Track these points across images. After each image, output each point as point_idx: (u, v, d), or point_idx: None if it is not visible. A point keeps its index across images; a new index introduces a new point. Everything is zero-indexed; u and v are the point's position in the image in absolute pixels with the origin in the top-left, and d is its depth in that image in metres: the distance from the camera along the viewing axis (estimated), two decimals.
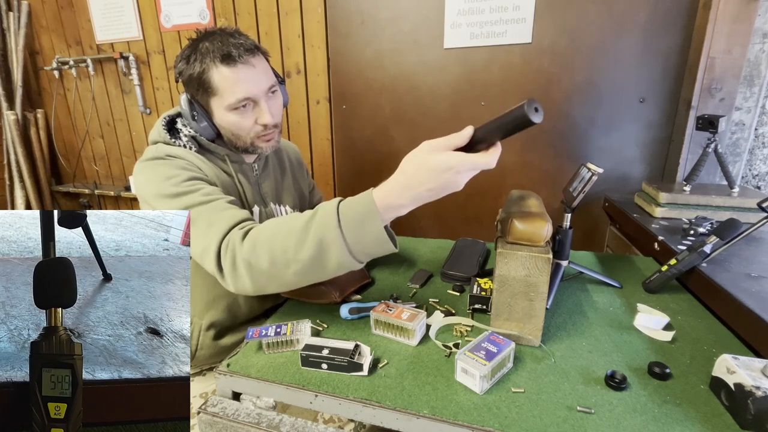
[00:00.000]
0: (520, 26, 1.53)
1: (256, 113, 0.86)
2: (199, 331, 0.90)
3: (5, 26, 2.35)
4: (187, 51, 0.83)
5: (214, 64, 0.80)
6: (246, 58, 0.81)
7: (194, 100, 0.85)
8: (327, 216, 0.63)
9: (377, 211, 0.61)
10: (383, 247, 0.63)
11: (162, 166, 0.80)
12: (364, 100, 1.81)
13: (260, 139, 0.88)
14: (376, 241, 0.62)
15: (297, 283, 0.68)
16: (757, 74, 1.33)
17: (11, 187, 2.51)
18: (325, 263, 0.64)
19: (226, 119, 0.85)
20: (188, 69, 0.83)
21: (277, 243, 0.66)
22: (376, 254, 0.65)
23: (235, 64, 0.80)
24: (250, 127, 0.86)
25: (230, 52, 0.80)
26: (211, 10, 1.94)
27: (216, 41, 0.81)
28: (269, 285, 0.68)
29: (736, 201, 1.09)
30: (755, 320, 0.64)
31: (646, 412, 0.53)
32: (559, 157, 1.62)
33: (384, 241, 0.62)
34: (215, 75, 0.81)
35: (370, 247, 0.63)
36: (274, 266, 0.66)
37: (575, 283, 0.88)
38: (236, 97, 0.82)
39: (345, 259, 0.63)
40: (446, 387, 0.58)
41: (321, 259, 0.64)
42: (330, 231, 0.62)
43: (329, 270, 0.65)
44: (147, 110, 2.26)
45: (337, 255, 0.63)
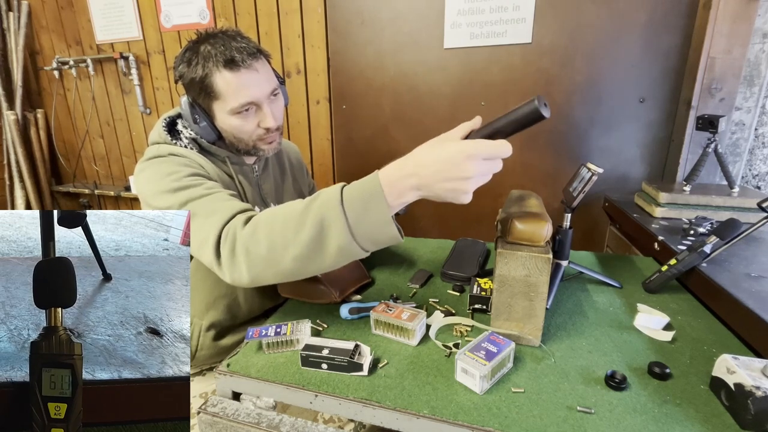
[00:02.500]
0: (520, 26, 1.53)
1: (259, 117, 0.85)
2: (200, 332, 0.90)
3: (5, 26, 2.35)
4: (188, 54, 0.82)
5: (216, 69, 0.79)
6: (249, 62, 0.80)
7: (196, 103, 0.85)
8: (329, 196, 0.60)
9: (382, 191, 0.57)
10: (387, 231, 0.59)
11: (164, 164, 0.80)
12: (364, 100, 1.81)
13: (262, 142, 0.88)
14: (380, 223, 0.58)
15: (295, 271, 0.63)
16: (757, 74, 1.33)
17: (11, 187, 2.51)
18: (324, 246, 0.60)
19: (229, 123, 0.84)
20: (190, 72, 0.82)
21: (276, 226, 0.63)
22: (380, 241, 0.61)
23: (238, 69, 0.80)
24: (253, 130, 0.86)
25: (233, 56, 0.79)
26: (211, 10, 1.94)
27: (218, 44, 0.80)
28: (266, 272, 0.64)
29: (736, 201, 1.09)
30: (755, 320, 0.64)
31: (646, 412, 0.52)
32: (559, 157, 1.62)
33: (387, 224, 0.58)
34: (218, 79, 0.80)
35: (374, 230, 0.59)
36: (272, 251, 0.62)
37: (575, 283, 0.88)
38: (239, 101, 0.81)
39: (346, 242, 0.59)
40: (446, 387, 0.58)
41: (321, 240, 0.60)
42: (331, 209, 0.59)
43: (329, 255, 0.61)
44: (147, 110, 2.26)
45: (338, 236, 0.59)
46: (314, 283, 0.80)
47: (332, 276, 0.81)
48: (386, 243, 0.61)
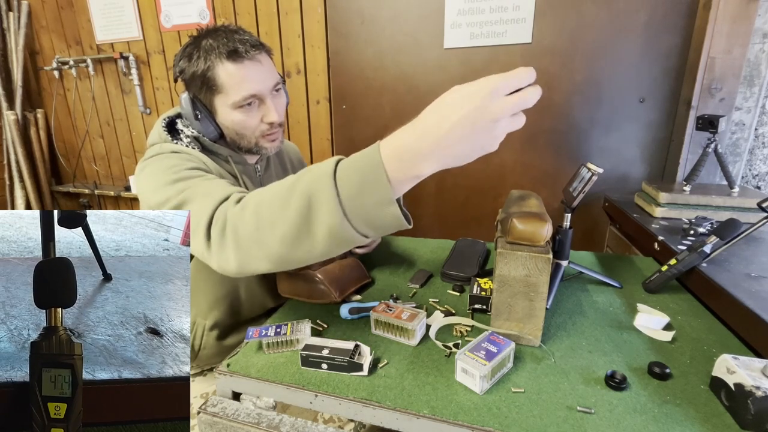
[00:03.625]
0: (520, 26, 1.53)
1: (262, 111, 0.84)
2: (203, 331, 0.90)
3: (5, 26, 2.35)
4: (189, 48, 0.81)
5: (219, 61, 0.78)
6: (252, 53, 0.79)
7: (197, 99, 0.83)
8: (321, 168, 0.52)
9: (381, 162, 0.48)
10: (387, 212, 0.49)
11: (165, 159, 0.77)
12: (364, 100, 1.81)
13: (265, 139, 0.87)
14: (378, 202, 0.49)
15: (283, 256, 0.56)
16: (757, 74, 1.33)
17: (11, 187, 2.51)
18: (313, 224, 0.52)
19: (231, 118, 0.83)
20: (191, 67, 0.80)
21: (265, 201, 0.57)
22: (380, 224, 0.51)
23: (242, 60, 0.78)
24: (256, 125, 0.84)
25: (237, 47, 0.78)
26: (211, 10, 1.94)
27: (220, 38, 0.79)
28: (253, 255, 0.58)
29: (736, 201, 1.09)
30: (755, 320, 0.64)
31: (646, 412, 0.52)
32: (559, 157, 1.62)
33: (386, 203, 0.49)
34: (221, 72, 0.79)
35: (371, 209, 0.49)
36: (258, 229, 0.56)
37: (575, 283, 0.88)
38: (242, 94, 0.80)
39: (337, 221, 0.50)
40: (446, 387, 0.58)
41: (309, 218, 0.52)
42: (320, 182, 0.51)
43: (319, 236, 0.52)
44: (147, 110, 2.26)
45: (328, 214, 0.50)
46: (314, 283, 0.80)
47: (332, 276, 0.81)
48: (388, 227, 0.52)
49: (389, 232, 0.53)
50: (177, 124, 0.88)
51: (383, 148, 0.49)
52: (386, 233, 0.54)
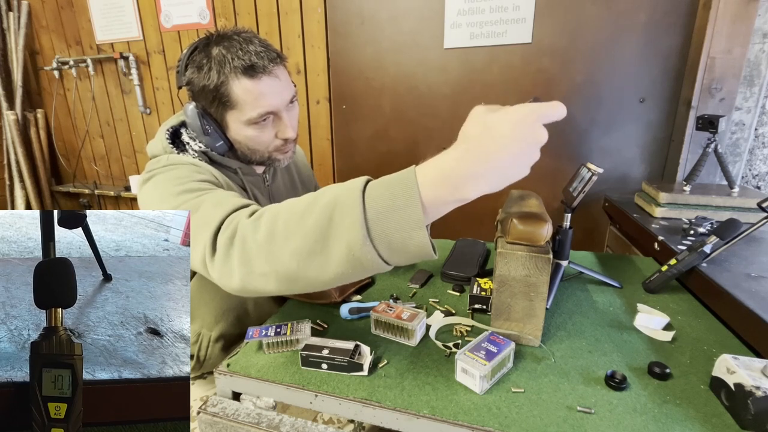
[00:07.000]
0: (520, 26, 1.53)
1: (277, 127, 0.80)
2: (208, 343, 0.88)
3: (5, 26, 2.35)
4: (198, 57, 0.75)
5: (234, 76, 0.72)
6: (271, 68, 0.74)
7: (206, 113, 0.78)
8: (349, 184, 0.49)
9: (416, 182, 0.45)
10: (414, 236, 0.45)
11: (174, 170, 0.73)
12: (364, 100, 1.81)
13: (278, 152, 0.84)
14: (406, 224, 0.45)
15: (290, 272, 0.51)
16: (757, 74, 1.33)
17: (11, 187, 2.51)
18: (330, 239, 0.48)
19: (244, 134, 0.78)
20: (201, 79, 0.74)
21: (282, 213, 0.53)
22: (403, 248, 0.46)
23: (259, 77, 0.73)
24: (269, 141, 0.81)
25: (254, 63, 0.72)
26: (211, 10, 1.94)
27: (234, 48, 0.73)
28: (259, 269, 0.53)
29: (736, 201, 1.09)
30: (755, 320, 0.64)
31: (646, 412, 0.53)
32: (559, 157, 1.62)
33: (415, 226, 0.45)
34: (236, 87, 0.73)
35: (397, 232, 0.45)
36: (269, 240, 0.52)
37: (575, 283, 0.88)
38: (258, 111, 0.75)
39: (358, 239, 0.45)
40: (446, 387, 0.58)
41: (327, 232, 0.48)
42: (347, 196, 0.47)
43: (335, 254, 0.48)
44: (147, 110, 2.26)
45: (350, 229, 0.46)
46: None
47: None
48: (412, 254, 0.47)
49: (411, 261, 0.49)
50: (181, 134, 0.83)
51: (421, 173, 0.46)
52: (407, 262, 0.49)
